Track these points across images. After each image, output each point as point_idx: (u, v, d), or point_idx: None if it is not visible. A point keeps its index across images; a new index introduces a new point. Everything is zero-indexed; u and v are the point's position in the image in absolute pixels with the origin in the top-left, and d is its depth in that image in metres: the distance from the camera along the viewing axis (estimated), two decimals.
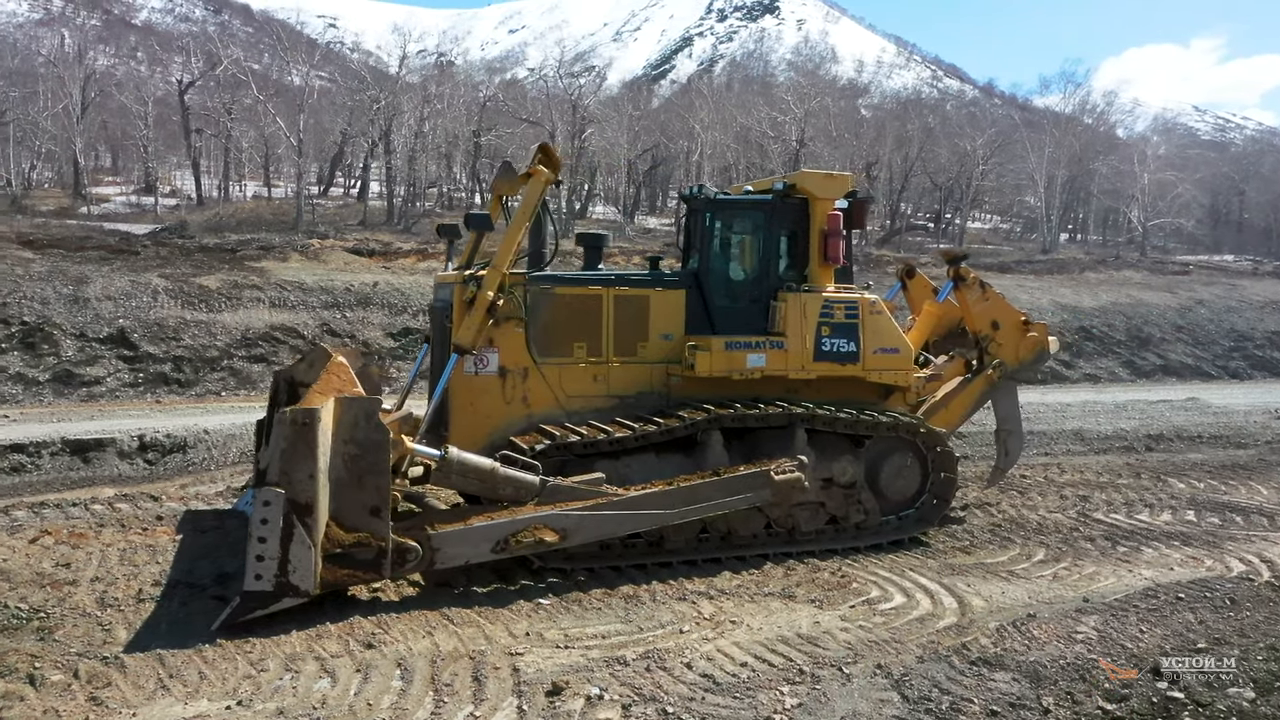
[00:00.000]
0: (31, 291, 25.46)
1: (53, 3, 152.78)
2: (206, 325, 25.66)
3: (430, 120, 57.28)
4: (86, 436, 15.15)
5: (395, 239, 49.43)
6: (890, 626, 8.11)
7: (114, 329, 24.53)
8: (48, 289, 25.85)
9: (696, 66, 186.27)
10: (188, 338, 24.72)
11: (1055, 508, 12.19)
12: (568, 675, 6.92)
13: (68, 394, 22.25)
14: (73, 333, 24.37)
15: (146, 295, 26.70)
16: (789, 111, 59.39)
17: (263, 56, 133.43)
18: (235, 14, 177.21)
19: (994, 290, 11.86)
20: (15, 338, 24.16)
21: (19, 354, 23.69)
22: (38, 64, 63.60)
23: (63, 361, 23.22)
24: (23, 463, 14.63)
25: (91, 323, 24.80)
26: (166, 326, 25.40)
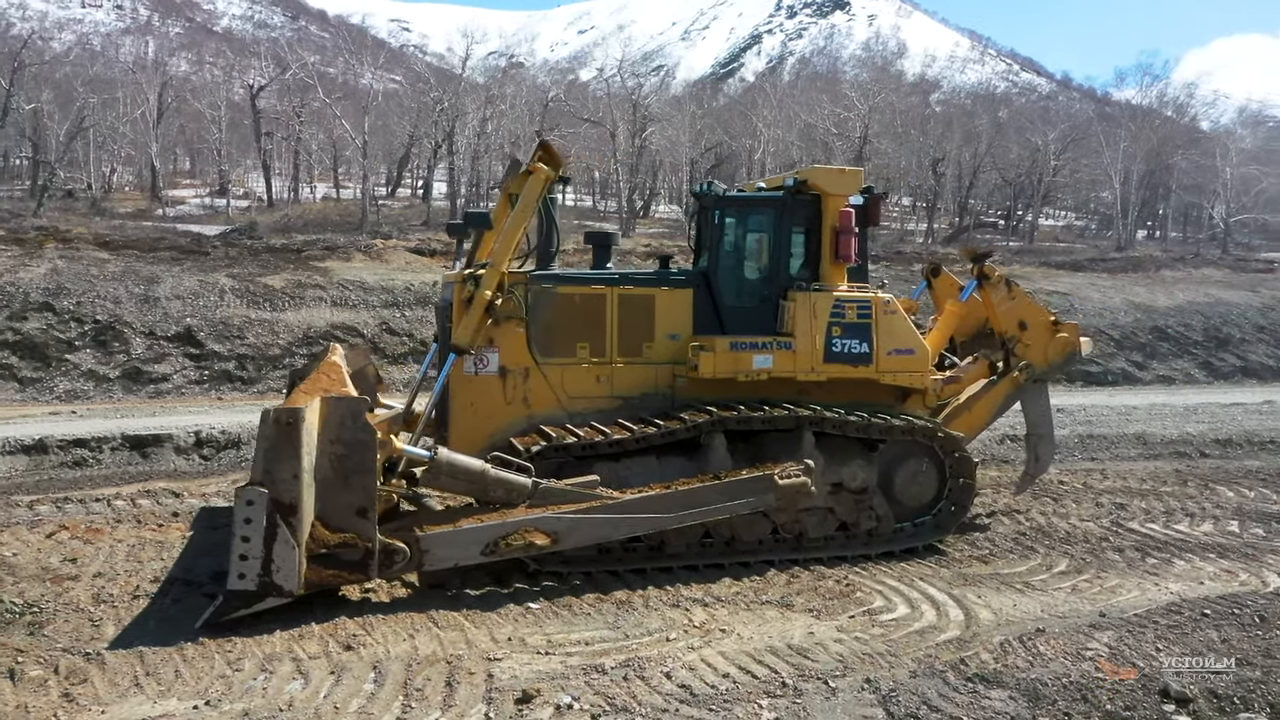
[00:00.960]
0: (105, 291, 26.33)
1: (139, 12, 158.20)
2: (270, 324, 26.23)
3: (493, 121, 57.76)
4: (145, 432, 15.62)
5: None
6: (888, 638, 7.81)
7: (181, 327, 25.24)
8: (120, 288, 26.71)
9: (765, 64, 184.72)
10: (251, 336, 25.31)
11: (1088, 516, 11.68)
12: (542, 682, 6.79)
13: (136, 391, 22.96)
14: (142, 331, 25.13)
15: (214, 295, 27.43)
16: (853, 108, 58.48)
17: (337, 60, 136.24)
18: (311, 19, 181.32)
19: (1020, 289, 11.40)
20: (88, 336, 25.00)
21: (91, 351, 24.52)
22: (117, 71, 65.88)
23: (132, 359, 23.96)
24: (84, 457, 15.11)
25: (160, 321, 25.54)
26: (231, 325, 26.06)
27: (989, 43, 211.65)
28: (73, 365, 24.45)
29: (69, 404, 21.54)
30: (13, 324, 25.23)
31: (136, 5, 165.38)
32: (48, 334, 24.82)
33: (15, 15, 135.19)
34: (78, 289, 26.48)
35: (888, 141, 61.48)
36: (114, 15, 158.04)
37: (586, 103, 63.04)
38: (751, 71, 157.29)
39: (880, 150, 59.92)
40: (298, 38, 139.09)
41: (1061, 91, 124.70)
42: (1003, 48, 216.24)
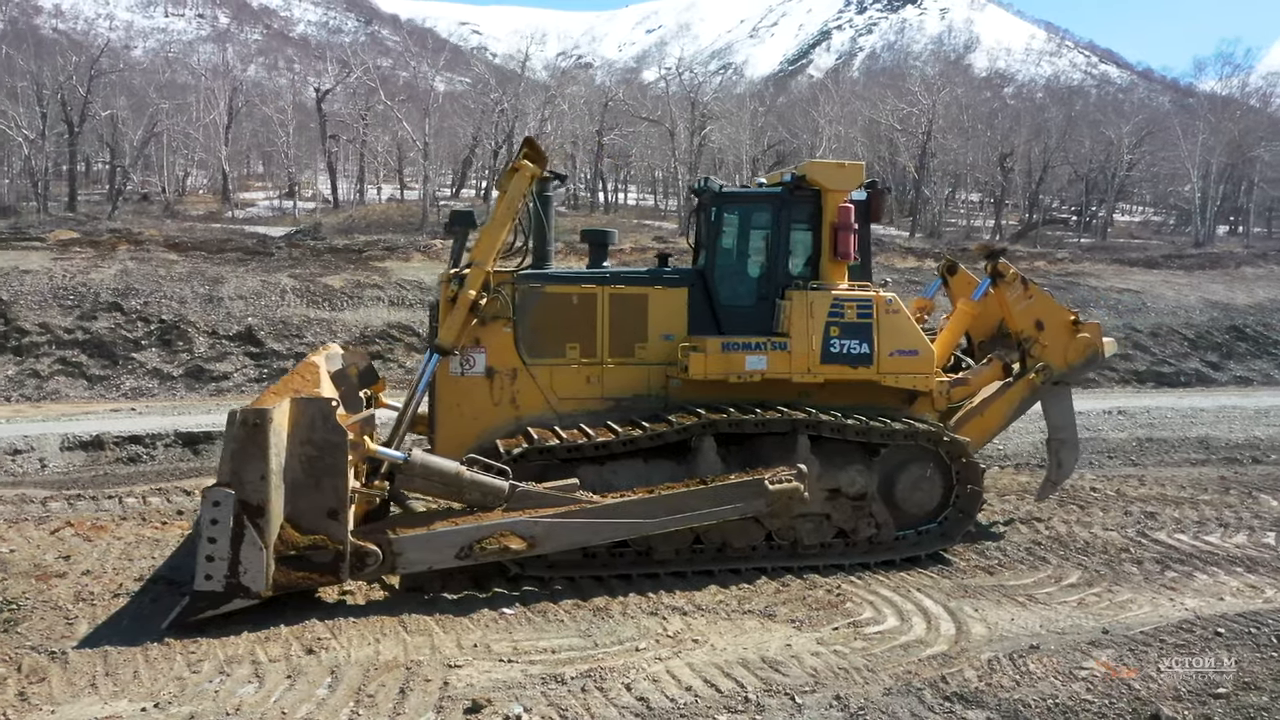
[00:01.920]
0: (171, 291, 27.09)
1: (219, 20, 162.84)
2: (328, 323, 26.71)
3: (552, 121, 57.95)
4: (198, 429, 15.99)
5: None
6: (869, 652, 7.48)
7: (243, 327, 25.85)
8: (186, 289, 27.45)
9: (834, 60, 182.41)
10: (310, 335, 25.79)
11: (1113, 525, 11.12)
12: (496, 692, 6.64)
13: (198, 389, 23.57)
14: (205, 330, 25.80)
15: (275, 294, 28.03)
16: (916, 103, 57.34)
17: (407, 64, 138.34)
18: (383, 23, 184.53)
19: (1038, 287, 10.90)
20: (154, 335, 25.74)
21: (156, 350, 25.26)
22: (189, 77, 67.78)
23: (195, 358, 24.61)
24: (139, 453, 15.51)
25: (223, 321, 26.19)
26: (291, 324, 26.59)
27: (1066, 34, 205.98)
28: (138, 364, 25.21)
29: (133, 401, 22.21)
30: (83, 323, 26.13)
31: (217, 13, 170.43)
32: (116, 333, 25.64)
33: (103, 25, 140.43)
34: (145, 289, 27.30)
35: (954, 137, 60.18)
36: (195, 24, 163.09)
37: (645, 102, 62.87)
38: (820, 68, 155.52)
39: (944, 146, 58.64)
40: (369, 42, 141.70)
41: (1142, 83, 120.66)
42: (1080, 39, 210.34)
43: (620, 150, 67.10)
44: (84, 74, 50.10)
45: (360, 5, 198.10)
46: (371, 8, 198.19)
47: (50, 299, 28.56)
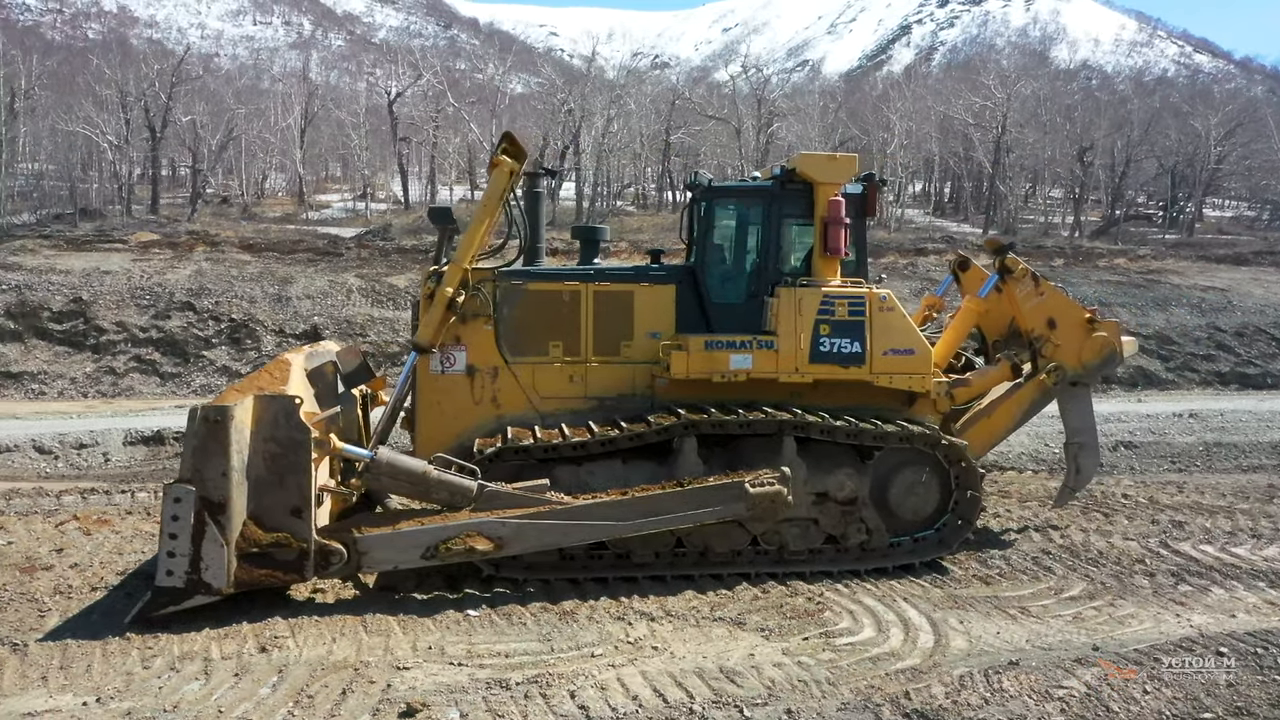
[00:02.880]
0: (242, 291, 27.85)
1: (304, 27, 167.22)
2: (391, 322, 27.15)
3: (619, 120, 57.96)
4: None
5: None
6: (836, 664, 7.17)
7: (309, 325, 26.43)
8: (256, 289, 28.18)
9: (914, 56, 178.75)
10: (373, 334, 26.27)
11: (1135, 534, 10.53)
12: (438, 695, 6.53)
13: None
14: (273, 329, 26.46)
15: (341, 294, 28.62)
16: (990, 97, 55.83)
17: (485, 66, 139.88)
18: (463, 28, 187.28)
19: (1050, 284, 10.37)
20: (224, 333, 26.49)
21: (226, 348, 26.01)
22: (267, 83, 69.61)
23: (262, 355, 25.25)
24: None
25: (290, 319, 26.82)
26: (355, 323, 27.11)
27: (1158, 24, 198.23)
28: (209, 361, 25.98)
29: (202, 397, 22.82)
30: (157, 322, 27.01)
31: (302, 20, 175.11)
32: (188, 331, 26.44)
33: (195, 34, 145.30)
34: (218, 289, 28.09)
35: (1031, 131, 58.46)
36: (282, 31, 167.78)
37: (712, 100, 62.50)
38: (900, 64, 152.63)
39: (1020, 141, 56.99)
40: (449, 46, 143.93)
41: (1239, 72, 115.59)
42: (1174, 29, 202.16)
43: (689, 149, 66.86)
44: (166, 81, 51.78)
45: (440, 10, 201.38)
46: (451, 12, 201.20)
47: (128, 298, 29.59)
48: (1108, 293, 32.34)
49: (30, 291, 33.41)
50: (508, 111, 71.84)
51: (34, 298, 32.98)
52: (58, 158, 58.56)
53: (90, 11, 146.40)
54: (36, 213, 49.17)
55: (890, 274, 42.70)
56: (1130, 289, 33.64)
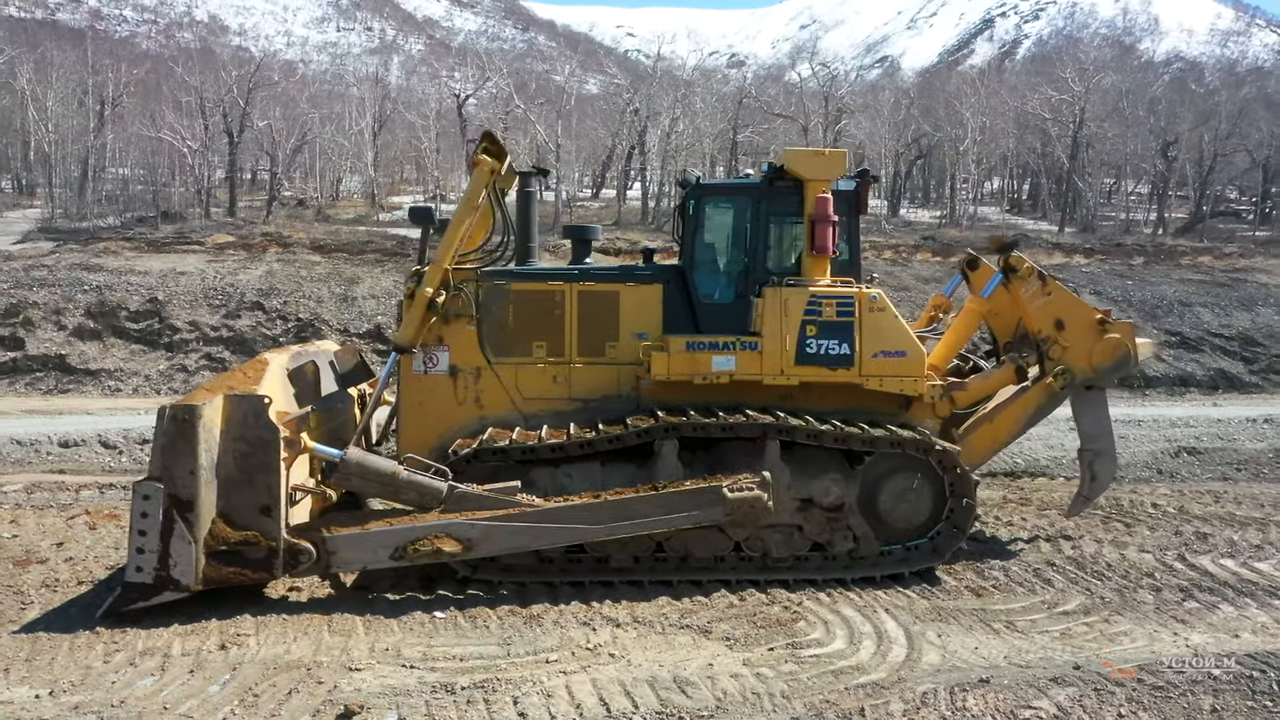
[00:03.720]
0: (310, 291, 28.52)
1: (385, 33, 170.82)
2: None
3: (684, 120, 57.72)
4: None
5: (643, 237, 50.47)
6: (796, 677, 6.94)
7: (372, 324, 26.93)
8: (324, 289, 28.84)
9: (997, 50, 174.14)
10: None
11: (1152, 546, 10.00)
12: (381, 698, 6.50)
13: None
14: (337, 328, 26.99)
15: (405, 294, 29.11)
16: (1067, 90, 54.14)
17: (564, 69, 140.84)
18: (540, 30, 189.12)
19: (1058, 283, 9.91)
20: (291, 332, 27.12)
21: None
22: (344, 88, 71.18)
23: None
24: None
25: (355, 319, 27.36)
26: None
27: (1257, 12, 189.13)
28: None
29: None
30: (228, 321, 27.79)
31: (384, 25, 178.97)
32: (256, 330, 27.12)
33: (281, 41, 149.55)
34: (286, 289, 28.80)
35: (1113, 125, 56.55)
36: (364, 36, 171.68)
37: (778, 98, 61.87)
38: (982, 58, 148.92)
39: (1099, 136, 55.18)
40: (526, 48, 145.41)
41: None
42: (1273, 17, 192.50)
43: (758, 148, 66.33)
44: (243, 87, 53.26)
45: (518, 13, 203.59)
46: (529, 15, 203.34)
47: (201, 298, 30.50)
48: (1189, 292, 31.10)
49: (110, 292, 34.65)
50: (575, 112, 72.29)
51: (113, 298, 34.19)
52: (143, 163, 60.77)
53: (183, 21, 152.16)
54: (121, 216, 51.06)
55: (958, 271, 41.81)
56: (1213, 288, 32.24)
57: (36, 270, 38.41)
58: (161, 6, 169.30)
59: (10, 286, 36.31)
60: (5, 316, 34.64)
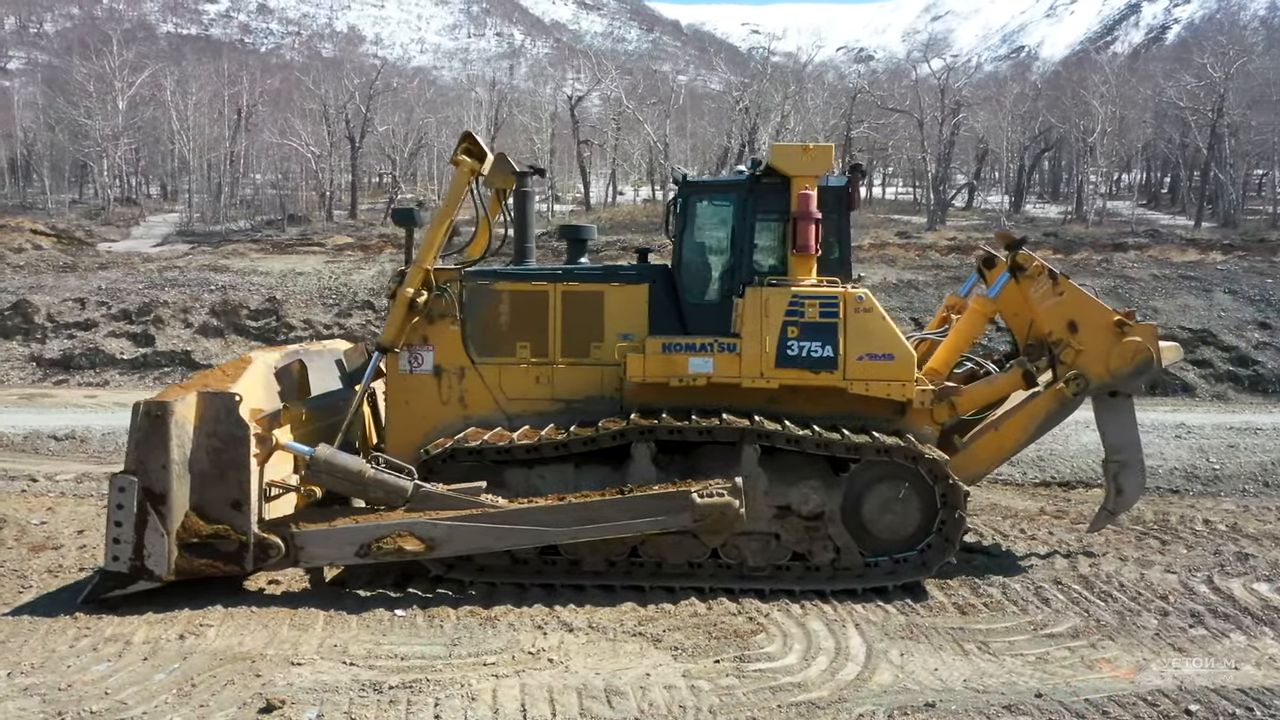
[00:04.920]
0: None
1: (514, 37, 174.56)
2: None
3: (794, 116, 56.93)
4: None
5: None
6: (730, 692, 6.70)
7: None
8: None
9: (1144, 36, 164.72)
10: None
11: (1183, 566, 9.24)
12: (308, 694, 6.57)
13: None
14: None
15: None
16: (1205, 77, 50.88)
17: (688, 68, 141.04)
18: (665, 30, 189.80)
19: (1071, 283, 9.25)
20: None
21: None
22: (470, 93, 73.00)
23: None
24: None
25: None
26: None
27: None
28: None
29: None
30: (339, 319, 29.01)
31: (512, 30, 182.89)
32: (365, 329, 28.18)
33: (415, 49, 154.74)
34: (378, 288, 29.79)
35: (1259, 113, 52.89)
36: (494, 42, 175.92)
37: (894, 92, 60.32)
38: (1127, 45, 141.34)
39: (1241, 125, 51.69)
40: (651, 49, 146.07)
41: None
42: None
43: (874, 144, 64.87)
44: (365, 94, 55.28)
45: (643, 14, 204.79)
46: (654, 15, 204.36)
47: (315, 297, 31.89)
48: None
49: (233, 291, 36.52)
50: (690, 110, 72.24)
51: (235, 297, 36.02)
52: (274, 169, 63.81)
53: (324, 33, 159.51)
54: (252, 219, 53.75)
55: (1080, 271, 39.76)
56: None
57: (169, 271, 40.68)
58: (305, 19, 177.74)
59: (145, 286, 38.60)
60: (138, 314, 36.88)
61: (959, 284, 38.39)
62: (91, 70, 57.20)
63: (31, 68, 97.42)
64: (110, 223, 51.56)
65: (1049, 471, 13.58)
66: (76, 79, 59.32)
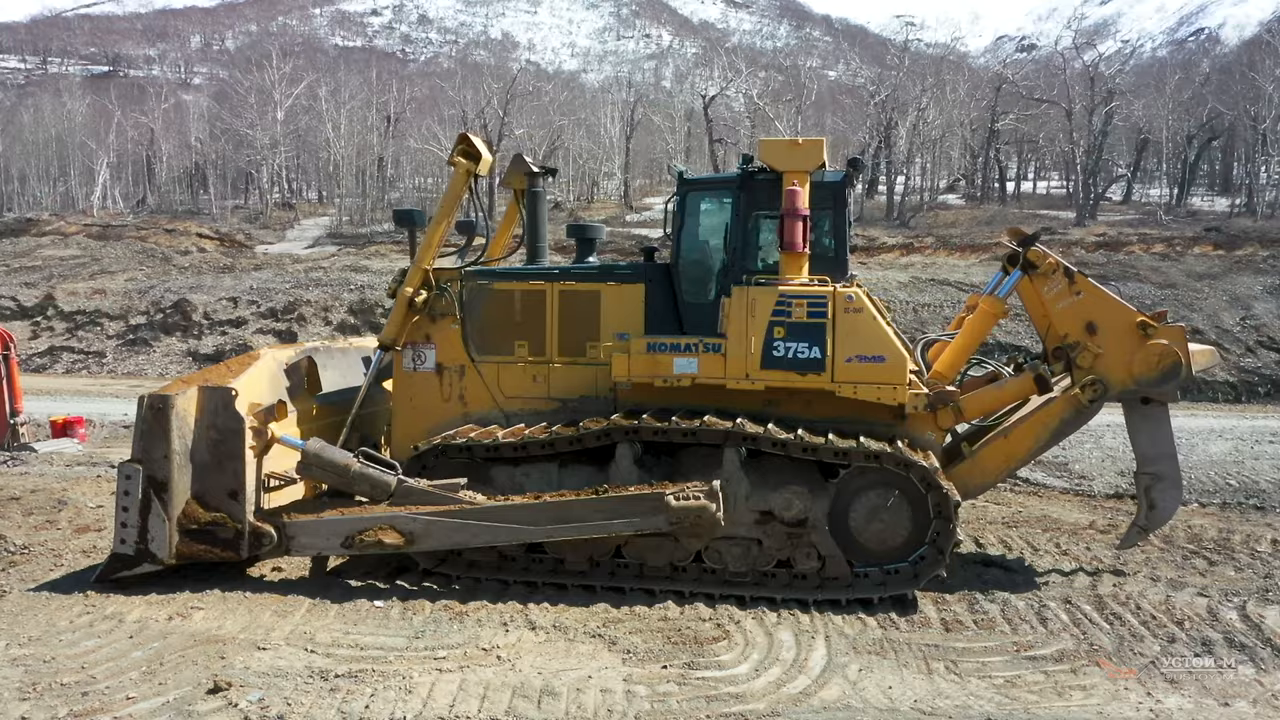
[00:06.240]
0: None
1: (662, 38, 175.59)
2: None
3: (933, 109, 55.08)
4: None
5: (883, 234, 48.90)
6: (664, 698, 6.56)
7: None
8: None
9: None
10: None
11: (1219, 590, 8.44)
12: (257, 678, 6.80)
13: None
14: None
15: None
16: None
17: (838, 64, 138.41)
18: (815, 25, 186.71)
19: (1090, 281, 8.57)
20: None
21: None
22: (605, 95, 73.99)
23: None
24: None
25: None
26: None
27: None
28: None
29: None
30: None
31: (661, 32, 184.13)
32: None
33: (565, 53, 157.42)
34: None
35: None
36: (643, 44, 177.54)
37: (1039, 82, 57.56)
38: None
39: None
40: (800, 45, 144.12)
41: None
42: None
43: (1022, 136, 62.10)
44: (502, 99, 56.85)
45: (792, 10, 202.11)
46: (804, 11, 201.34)
47: None
48: None
49: (369, 291, 38.29)
50: (830, 106, 70.94)
51: (371, 296, 37.77)
52: (419, 173, 66.41)
53: (479, 40, 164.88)
54: None
55: (1243, 267, 37.08)
56: None
57: (314, 271, 42.90)
58: (461, 28, 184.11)
59: (291, 286, 40.84)
60: (284, 312, 39.09)
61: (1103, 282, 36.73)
62: (253, 83, 60.95)
63: (212, 82, 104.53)
64: (267, 226, 54.88)
65: (1119, 483, 12.68)
66: (238, 91, 63.30)
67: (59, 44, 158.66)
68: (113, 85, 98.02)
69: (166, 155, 66.11)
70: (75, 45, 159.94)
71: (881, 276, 38.54)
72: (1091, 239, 43.59)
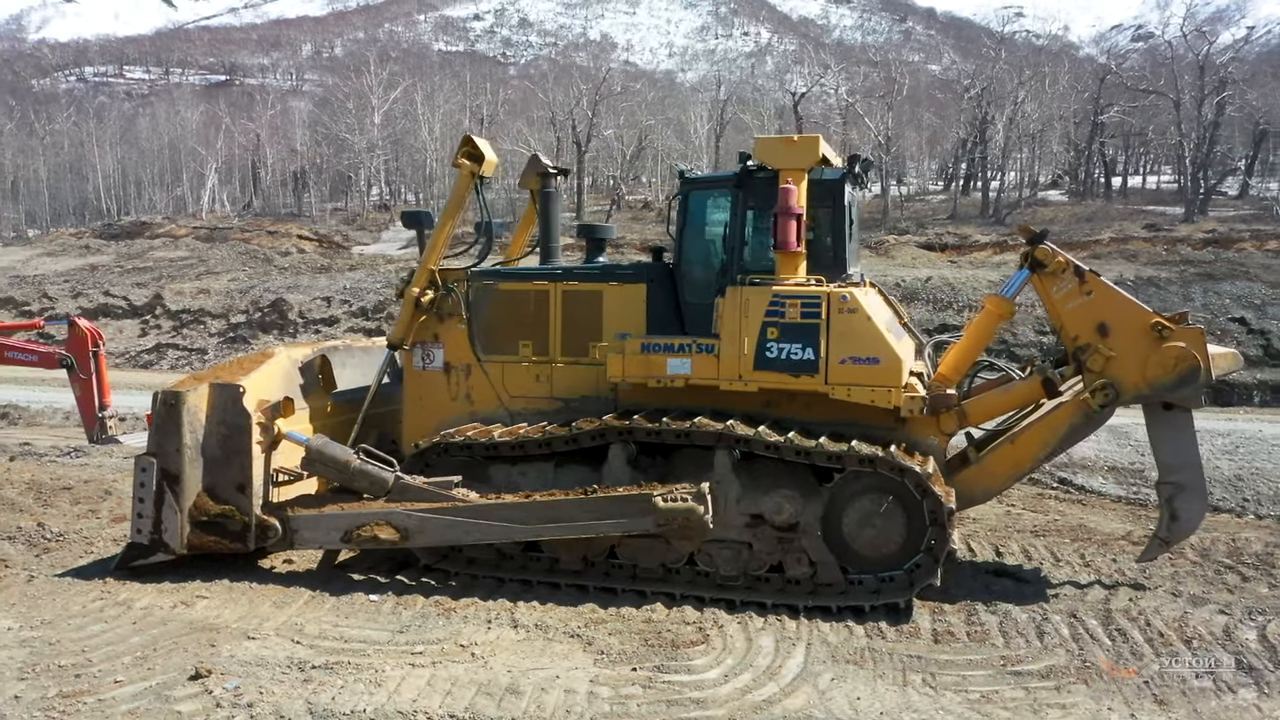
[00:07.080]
0: None
1: (760, 35, 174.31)
2: None
3: (1030, 102, 53.30)
4: None
5: (976, 231, 47.64)
6: (625, 700, 6.53)
7: None
8: None
9: None
10: None
11: (1241, 609, 7.92)
12: (239, 667, 7.00)
13: None
14: None
15: None
16: None
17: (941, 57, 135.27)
18: (918, 19, 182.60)
19: (1103, 281, 8.13)
20: None
21: None
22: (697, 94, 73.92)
23: None
24: None
25: None
26: None
27: None
28: None
29: None
30: None
31: (759, 29, 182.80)
32: None
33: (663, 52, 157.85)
34: None
35: None
36: (741, 41, 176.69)
37: (1147, 71, 55.19)
38: None
39: None
40: (903, 40, 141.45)
41: None
42: None
43: (1129, 129, 59.63)
44: (591, 99, 57.31)
45: (895, 4, 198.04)
46: (907, 5, 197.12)
47: None
48: None
49: None
50: (924, 101, 69.38)
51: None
52: (510, 173, 67.22)
53: (579, 42, 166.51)
54: None
55: None
56: None
57: (403, 272, 43.82)
58: (561, 30, 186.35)
59: (383, 286, 41.93)
60: (374, 311, 40.20)
61: (1209, 281, 34.70)
62: (352, 89, 62.81)
63: (319, 89, 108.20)
64: (364, 228, 56.53)
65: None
66: (338, 97, 65.29)
67: (180, 55, 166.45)
68: (226, 94, 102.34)
69: (271, 160, 68.61)
70: (195, 56, 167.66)
71: (971, 275, 37.48)
72: (1199, 235, 41.61)
